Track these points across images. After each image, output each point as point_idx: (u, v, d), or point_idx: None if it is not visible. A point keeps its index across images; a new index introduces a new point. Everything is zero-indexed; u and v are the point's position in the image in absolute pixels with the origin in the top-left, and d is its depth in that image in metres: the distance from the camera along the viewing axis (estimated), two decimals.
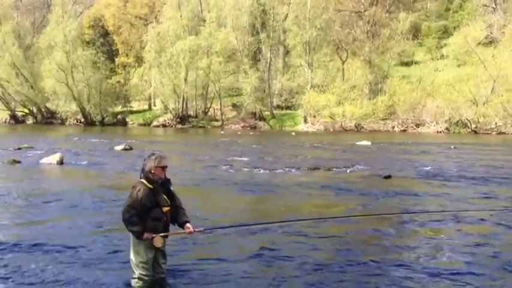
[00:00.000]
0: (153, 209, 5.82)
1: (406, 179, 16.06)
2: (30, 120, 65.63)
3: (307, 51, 55.19)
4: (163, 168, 5.95)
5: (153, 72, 58.95)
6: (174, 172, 15.83)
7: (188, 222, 6.04)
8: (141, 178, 5.95)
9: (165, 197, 5.97)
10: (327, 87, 53.99)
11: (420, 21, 64.79)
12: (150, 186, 5.82)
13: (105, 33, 68.13)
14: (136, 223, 5.75)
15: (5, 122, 65.93)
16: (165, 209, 5.94)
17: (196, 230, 6.10)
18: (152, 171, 5.86)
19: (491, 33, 55.11)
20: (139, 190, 5.78)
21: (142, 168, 5.97)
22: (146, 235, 5.77)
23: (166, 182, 6.05)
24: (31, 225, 9.35)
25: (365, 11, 56.00)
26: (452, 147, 28.77)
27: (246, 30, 58.56)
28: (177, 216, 6.06)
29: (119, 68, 66.89)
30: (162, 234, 5.86)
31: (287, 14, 59.17)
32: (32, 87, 62.03)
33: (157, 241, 5.78)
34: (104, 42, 67.14)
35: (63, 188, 13.92)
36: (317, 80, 55.58)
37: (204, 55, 57.03)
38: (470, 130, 44.99)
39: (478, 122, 44.88)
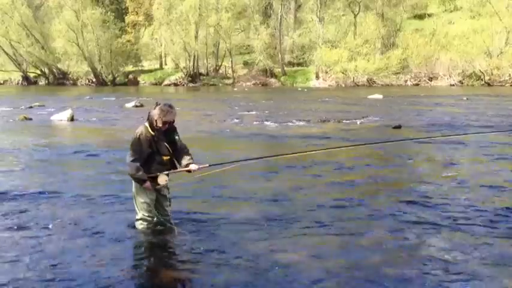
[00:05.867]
0: (154, 156, 5.76)
1: (416, 129, 15.94)
2: (42, 82, 65.35)
3: (319, 5, 54.30)
4: (166, 123, 5.69)
5: (163, 30, 58.38)
6: (184, 126, 15.91)
7: (192, 164, 5.88)
8: (145, 122, 5.82)
9: (167, 145, 5.83)
10: (339, 42, 53.31)
11: None
12: (152, 132, 5.70)
13: None
14: (138, 168, 5.66)
15: (18, 83, 65.83)
16: (165, 158, 5.85)
17: (201, 166, 5.93)
18: (156, 120, 5.67)
19: None
20: (140, 133, 5.68)
21: (149, 113, 5.80)
22: (147, 184, 5.73)
23: (171, 131, 5.88)
24: (42, 175, 9.45)
25: None
26: (465, 98, 28.48)
27: None
28: (182, 160, 5.92)
29: (128, 27, 66.39)
30: (165, 172, 5.83)
31: None
32: (43, 48, 61.69)
33: (161, 179, 5.75)
34: (112, 0, 66.44)
35: (73, 142, 14.05)
36: (329, 35, 54.86)
37: (213, 11, 56.22)
38: (483, 82, 44.45)
39: (492, 74, 44.28)
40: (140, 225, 6.00)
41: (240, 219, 6.47)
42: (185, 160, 5.92)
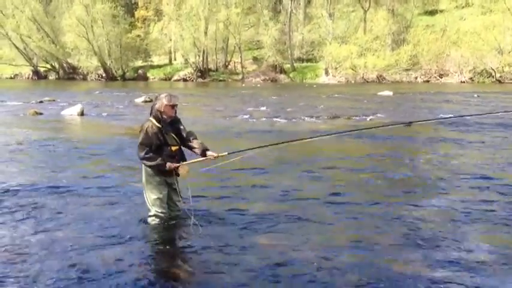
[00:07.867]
0: (162, 148, 5.80)
1: (427, 126, 15.83)
2: (52, 76, 65.52)
3: (329, 0, 54.12)
4: (173, 106, 5.81)
5: (172, 25, 58.41)
6: (194, 121, 15.97)
7: (208, 150, 5.93)
8: (150, 116, 5.89)
9: (174, 136, 5.90)
10: (348, 38, 53.09)
11: None
12: (158, 125, 5.77)
13: None
14: (153, 158, 5.73)
15: (28, 77, 66.04)
16: (174, 148, 5.90)
17: (219, 154, 5.93)
18: (162, 110, 5.75)
19: None
20: (148, 127, 5.74)
21: (152, 107, 5.89)
22: (169, 165, 5.77)
23: (175, 121, 5.96)
24: (52, 169, 9.48)
25: None
26: (475, 95, 28.27)
27: None
28: (195, 147, 5.94)
29: (138, 22, 66.51)
30: (186, 162, 5.89)
31: None
32: (53, 42, 61.94)
33: (183, 170, 5.81)
34: None
35: (83, 136, 14.14)
36: (339, 31, 54.61)
37: (223, 7, 56.21)
38: (494, 79, 44.01)
39: (503, 71, 43.85)
40: (153, 221, 6.02)
41: (251, 215, 6.46)
42: (196, 144, 5.96)
